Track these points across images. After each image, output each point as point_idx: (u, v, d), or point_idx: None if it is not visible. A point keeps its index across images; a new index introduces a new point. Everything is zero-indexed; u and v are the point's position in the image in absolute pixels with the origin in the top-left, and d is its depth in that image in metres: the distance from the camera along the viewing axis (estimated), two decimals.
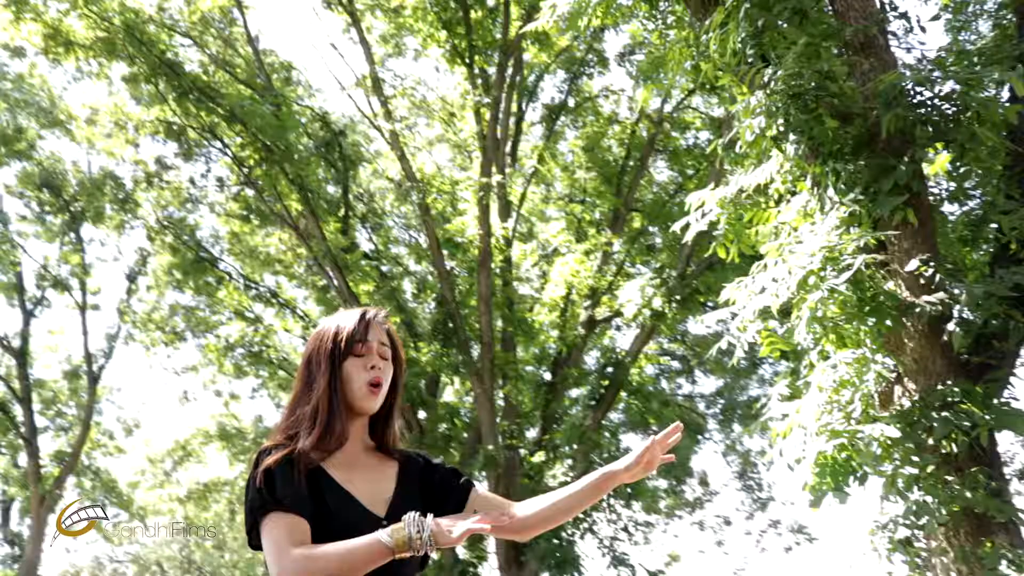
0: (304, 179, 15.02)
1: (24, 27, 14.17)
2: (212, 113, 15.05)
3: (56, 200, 19.59)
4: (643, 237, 16.34)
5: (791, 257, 4.51)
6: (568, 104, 17.26)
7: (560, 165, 18.28)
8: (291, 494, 2.08)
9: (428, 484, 2.36)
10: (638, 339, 14.38)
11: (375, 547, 1.98)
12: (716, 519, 20.35)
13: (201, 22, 16.13)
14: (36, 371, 21.55)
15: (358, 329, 2.29)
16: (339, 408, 2.23)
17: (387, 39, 18.14)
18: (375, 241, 18.81)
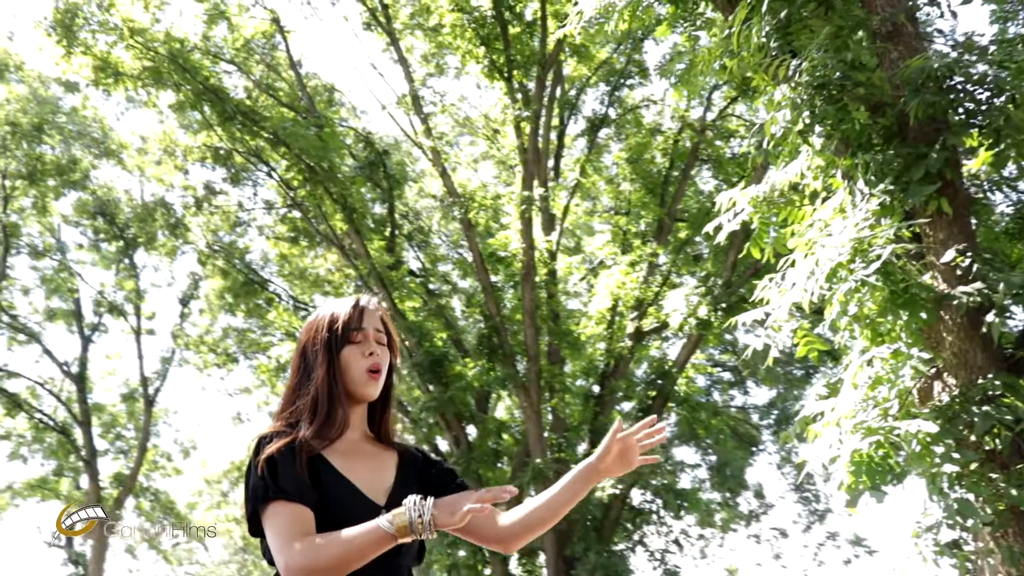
0: (348, 198, 15.16)
1: (75, 60, 14.51)
2: (256, 136, 15.29)
3: (110, 228, 20.04)
4: (688, 247, 16.19)
5: (820, 251, 4.40)
6: (609, 116, 17.21)
7: (604, 178, 18.22)
8: (294, 482, 2.06)
9: (426, 479, 2.33)
10: (685, 349, 14.22)
11: (377, 534, 1.95)
12: (772, 532, 19.98)
13: (244, 48, 16.43)
14: (95, 395, 22.00)
15: (353, 316, 2.27)
16: (340, 396, 2.22)
17: (428, 59, 18.32)
18: (422, 259, 18.91)
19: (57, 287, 20.64)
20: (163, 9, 15.16)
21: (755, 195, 5.84)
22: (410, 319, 15.36)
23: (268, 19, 16.37)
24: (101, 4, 14.23)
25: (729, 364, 19.44)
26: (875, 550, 18.81)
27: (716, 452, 18.46)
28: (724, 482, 18.53)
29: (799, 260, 4.65)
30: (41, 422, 20.66)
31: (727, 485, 18.57)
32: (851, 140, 4.73)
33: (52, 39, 14.06)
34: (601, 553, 12.20)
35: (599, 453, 2.22)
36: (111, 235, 20.18)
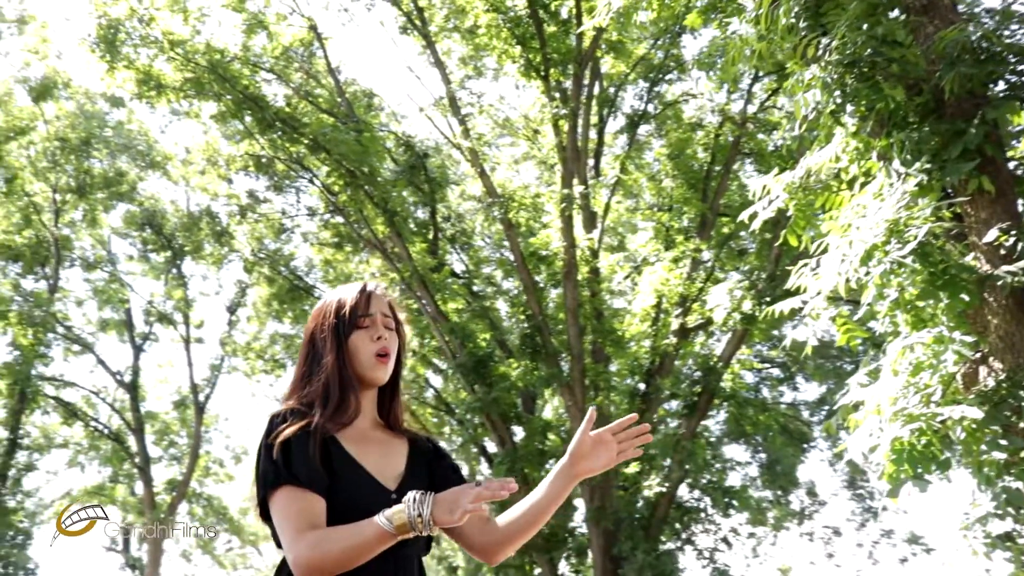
0: (389, 202, 15.21)
1: (118, 75, 14.75)
2: (297, 143, 15.42)
3: (158, 238, 20.36)
4: (732, 241, 15.98)
5: (854, 233, 4.28)
6: (649, 112, 17.06)
7: (646, 175, 18.08)
8: (305, 468, 2.05)
9: (433, 470, 2.32)
10: (730, 344, 14.03)
11: (377, 532, 1.93)
12: (825, 530, 19.61)
13: (283, 56, 16.57)
14: (148, 403, 22.37)
15: (360, 301, 2.26)
16: (350, 381, 2.20)
17: (465, 61, 18.32)
18: (465, 261, 18.92)
19: (109, 298, 21.02)
20: (203, 21, 15.36)
21: (790, 182, 5.72)
22: (453, 320, 15.36)
23: (306, 27, 16.49)
24: (142, 19, 14.45)
25: (777, 360, 19.16)
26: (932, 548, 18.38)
27: (766, 449, 18.20)
28: (775, 480, 18.26)
29: (833, 244, 4.52)
30: (96, 430, 21.06)
31: (778, 483, 18.30)
32: (885, 119, 4.59)
33: (96, 55, 14.30)
34: (649, 552, 12.07)
35: (570, 453, 2.17)
36: (159, 245, 20.50)
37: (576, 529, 14.15)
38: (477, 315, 16.23)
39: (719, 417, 17.29)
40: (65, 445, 21.48)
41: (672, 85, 17.29)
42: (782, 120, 16.17)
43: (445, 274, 15.83)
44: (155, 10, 14.57)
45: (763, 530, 19.12)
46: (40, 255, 18.37)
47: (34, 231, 18.40)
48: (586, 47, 14.85)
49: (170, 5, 14.84)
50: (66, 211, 18.82)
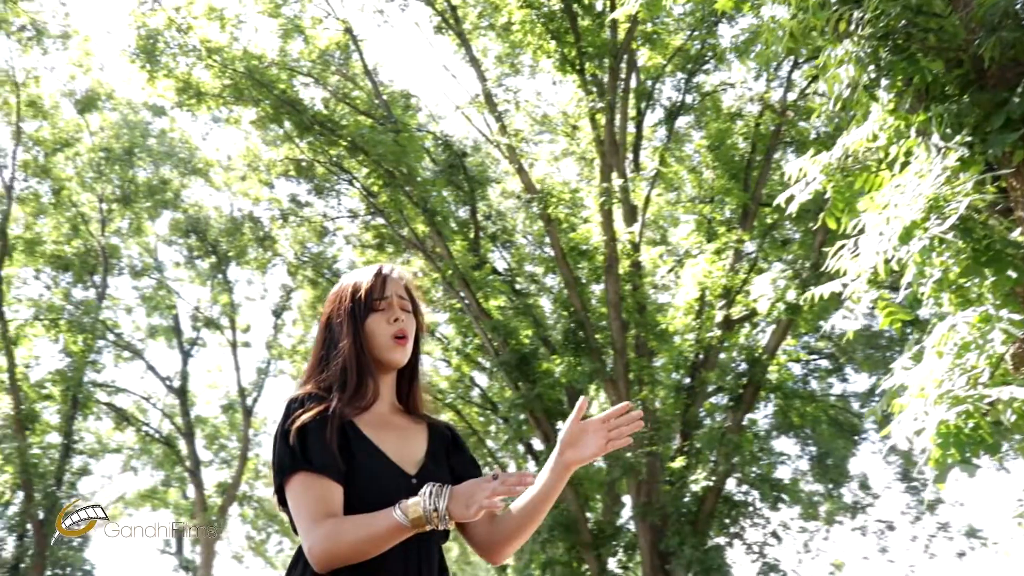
0: (428, 202, 15.23)
1: (158, 84, 14.94)
2: (335, 146, 15.50)
3: (203, 244, 20.61)
4: (776, 231, 15.76)
5: (891, 210, 4.15)
6: (687, 103, 16.89)
7: (687, 167, 17.91)
8: (322, 454, 2.02)
9: (451, 458, 2.30)
10: (775, 335, 13.83)
11: (392, 524, 1.91)
12: (878, 524, 19.21)
13: (320, 60, 16.66)
14: (197, 408, 22.67)
15: (376, 284, 2.23)
16: (368, 365, 2.17)
17: (502, 59, 18.28)
18: (507, 259, 18.89)
19: (157, 305, 21.33)
20: (240, 28, 15.52)
21: (827, 163, 5.59)
22: (495, 318, 15.34)
23: (341, 29, 16.57)
24: (180, 28, 14.63)
25: (825, 351, 18.86)
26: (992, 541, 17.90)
27: (816, 442, 17.92)
28: (826, 473, 17.97)
29: (870, 224, 4.40)
30: (148, 435, 21.39)
31: (829, 476, 18.00)
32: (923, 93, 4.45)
33: (136, 65, 14.50)
34: (697, 547, 11.93)
35: (560, 442, 2.11)
36: (204, 251, 20.76)
37: (624, 525, 14.05)
38: (520, 312, 16.19)
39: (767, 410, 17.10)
40: (119, 450, 21.85)
41: (710, 75, 17.11)
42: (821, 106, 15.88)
43: (487, 271, 15.79)
44: (192, 19, 14.74)
45: (815, 524, 18.82)
46: (88, 264, 18.69)
47: (82, 240, 18.73)
48: (621, 39, 14.74)
49: (207, 13, 15.00)
50: (112, 220, 19.12)
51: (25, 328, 18.07)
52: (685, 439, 14.02)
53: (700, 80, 17.12)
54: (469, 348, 19.00)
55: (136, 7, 14.28)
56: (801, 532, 17.85)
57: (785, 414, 14.73)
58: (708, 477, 12.72)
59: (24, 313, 18.47)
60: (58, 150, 17.73)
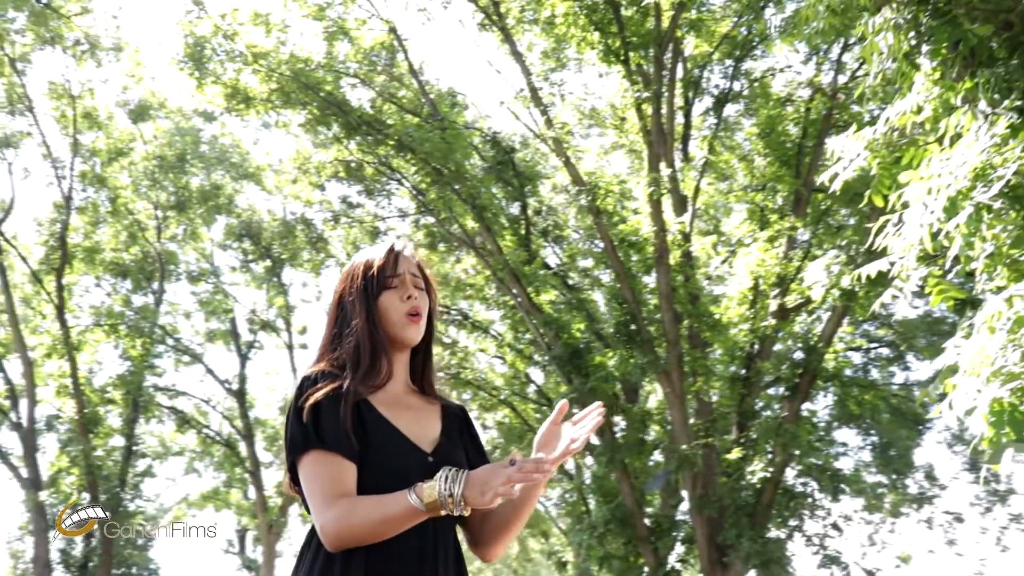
0: (477, 198, 15.23)
1: (207, 91, 15.16)
2: (382, 145, 15.57)
3: (257, 248, 20.88)
4: (829, 217, 15.45)
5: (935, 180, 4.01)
6: (735, 90, 16.65)
7: (737, 155, 17.67)
8: (336, 432, 2.00)
9: (464, 438, 2.28)
10: (830, 322, 13.57)
11: (407, 508, 1.89)
12: (946, 516, 18.73)
13: (366, 61, 16.76)
14: (256, 410, 22.98)
15: (388, 261, 2.20)
16: (381, 343, 2.14)
17: (548, 54, 18.20)
18: (559, 254, 18.81)
19: (214, 309, 21.65)
20: (285, 32, 15.67)
21: (872, 139, 5.43)
22: (547, 312, 15.28)
23: (385, 29, 16.63)
24: (226, 34, 14.82)
25: (885, 339, 18.46)
26: None
27: (878, 432, 17.55)
28: (889, 463, 17.59)
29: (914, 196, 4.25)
30: (209, 437, 21.74)
31: (892, 466, 17.62)
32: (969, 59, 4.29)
33: (185, 72, 14.74)
34: (755, 539, 11.74)
35: (535, 445, 2.10)
36: (258, 255, 21.03)
37: (681, 518, 13.90)
38: (573, 307, 16.11)
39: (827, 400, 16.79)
40: (181, 453, 22.24)
41: (758, 61, 16.84)
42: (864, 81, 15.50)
43: (537, 265, 15.72)
44: (238, 25, 14.93)
45: (879, 516, 18.44)
46: (146, 270, 19.07)
47: (140, 248, 19.10)
48: (665, 28, 14.58)
49: (253, 19, 15.18)
50: (168, 227, 19.48)
51: (86, 334, 18.50)
52: (741, 430, 13.82)
53: (749, 66, 16.88)
54: (522, 344, 18.96)
55: (183, 16, 14.50)
56: (866, 524, 17.50)
57: (843, 403, 14.41)
58: (765, 468, 12.51)
59: (86, 320, 18.94)
60: (113, 159, 18.11)
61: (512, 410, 20.89)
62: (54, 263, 17.86)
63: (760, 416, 13.75)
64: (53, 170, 17.84)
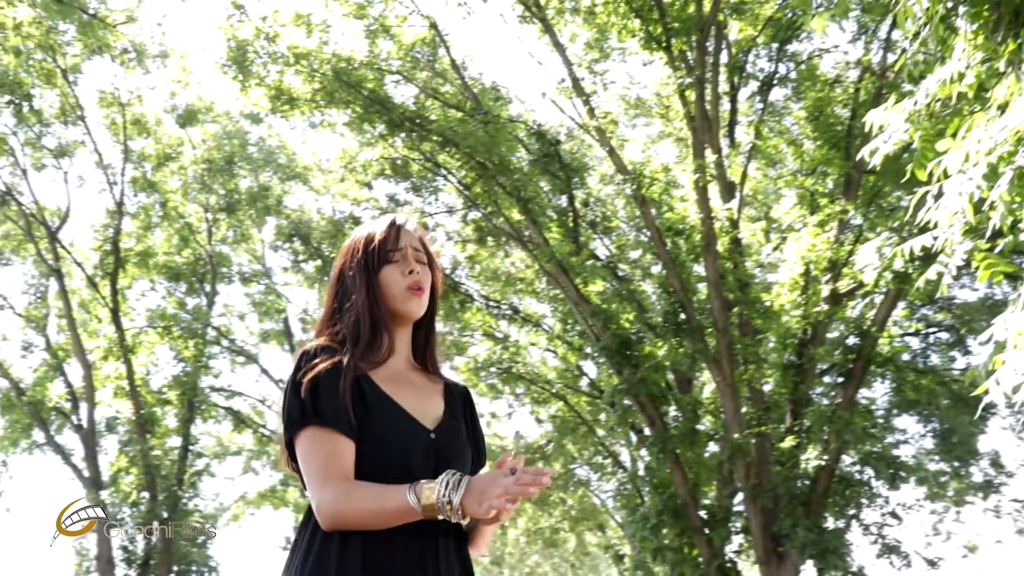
0: (522, 191, 15.18)
1: (251, 93, 15.32)
2: (425, 141, 15.60)
3: (307, 248, 21.05)
4: (880, 199, 15.10)
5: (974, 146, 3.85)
6: (781, 73, 16.36)
7: (786, 140, 17.37)
8: (334, 408, 1.96)
9: (467, 418, 2.24)
10: (883, 306, 13.26)
11: (404, 506, 1.83)
12: (1014, 504, 18.19)
13: (408, 58, 16.79)
14: None
15: (390, 235, 2.17)
16: (382, 317, 2.10)
17: (591, 45, 18.08)
18: (608, 245, 18.69)
19: (267, 310, 21.90)
20: (327, 32, 15.76)
21: (912, 110, 5.26)
22: (595, 303, 15.19)
23: (427, 25, 16.65)
24: (268, 36, 14.96)
25: (945, 323, 17.99)
26: None
27: (939, 419, 17.11)
28: (951, 450, 17.15)
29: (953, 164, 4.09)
30: (265, 437, 22.00)
31: (955, 453, 17.17)
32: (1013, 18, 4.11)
33: (228, 76, 14.91)
34: (811, 529, 11.51)
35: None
36: (309, 255, 21.21)
37: (735, 508, 13.70)
38: (622, 298, 15.99)
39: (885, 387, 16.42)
40: (239, 452, 22.55)
41: (804, 43, 16.52)
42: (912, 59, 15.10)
43: (584, 256, 15.61)
44: (280, 27, 15.06)
45: (943, 505, 18.01)
46: (198, 273, 19.36)
47: (192, 250, 19.40)
48: (707, 12, 14.37)
49: (294, 20, 15.30)
50: (219, 229, 19.74)
51: (140, 336, 18.86)
52: (795, 419, 13.58)
53: (795, 49, 16.58)
54: (571, 336, 18.89)
55: (225, 20, 14.67)
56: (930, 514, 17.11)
57: (900, 389, 14.08)
58: (820, 456, 12.27)
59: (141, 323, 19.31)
60: (162, 164, 18.41)
61: (565, 403, 20.84)
62: (108, 268, 18.22)
63: (814, 403, 13.49)
64: (105, 177, 18.22)
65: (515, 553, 28.29)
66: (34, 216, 17.99)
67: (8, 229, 18.75)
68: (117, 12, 15.59)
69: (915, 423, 18.08)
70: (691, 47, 14.94)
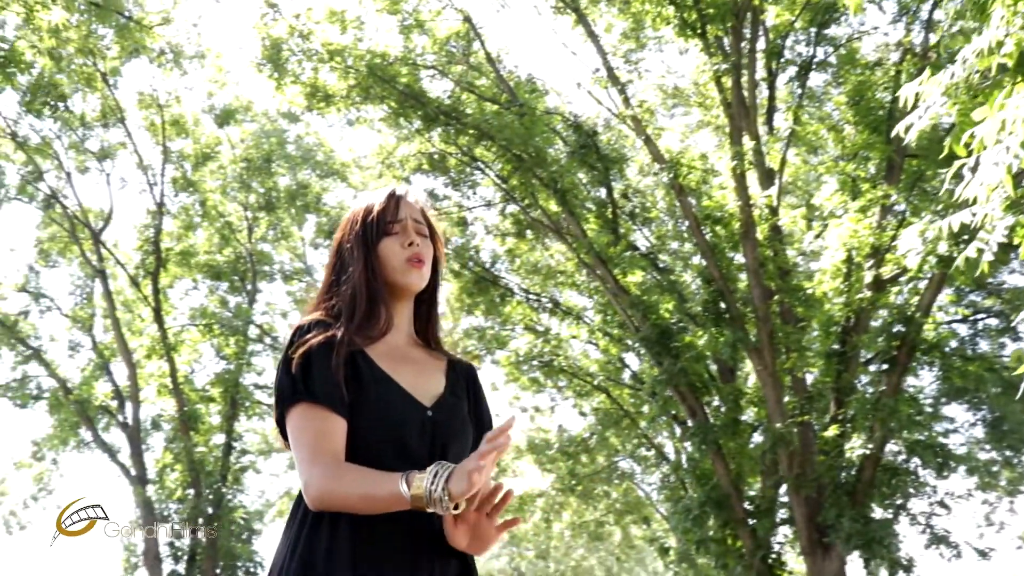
0: (559, 182, 15.11)
1: (287, 91, 15.41)
2: (461, 134, 15.59)
3: None
4: (923, 182, 14.79)
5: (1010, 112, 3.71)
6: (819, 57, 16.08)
7: (826, 125, 17.09)
8: (325, 384, 1.91)
9: (471, 395, 2.17)
10: (928, 291, 12.98)
11: (393, 494, 1.76)
12: None
13: (442, 52, 16.78)
14: None
15: (389, 206, 2.11)
16: (379, 290, 2.04)
17: (627, 35, 17.94)
18: (648, 236, 18.55)
19: None
20: (361, 28, 15.79)
21: (949, 83, 5.11)
22: (634, 294, 15.09)
23: (460, 19, 16.63)
24: (302, 34, 15.03)
25: (994, 309, 17.58)
26: None
27: (989, 407, 16.74)
28: (1002, 439, 16.77)
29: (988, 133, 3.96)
30: None
31: (1006, 442, 16.79)
32: None
33: (264, 74, 15.01)
34: (856, 519, 11.30)
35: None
36: None
37: (779, 499, 13.52)
38: (663, 289, 15.86)
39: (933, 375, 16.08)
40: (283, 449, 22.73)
41: (843, 27, 16.23)
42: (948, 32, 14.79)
43: (623, 247, 15.49)
44: (314, 24, 15.12)
45: (996, 495, 17.63)
46: (239, 271, 19.54)
47: (232, 249, 19.58)
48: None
49: (328, 17, 15.35)
50: (259, 227, 19.91)
51: (181, 335, 19.10)
52: (839, 407, 13.35)
53: (833, 32, 16.29)
54: (610, 327, 18.79)
55: (259, 19, 14.76)
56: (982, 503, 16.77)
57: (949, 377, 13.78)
58: (864, 445, 12.04)
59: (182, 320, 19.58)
60: (201, 164, 18.60)
61: (607, 396, 20.75)
62: (150, 267, 18.46)
63: (858, 392, 13.25)
64: (146, 178, 18.47)
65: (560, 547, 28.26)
66: (78, 218, 18.28)
67: (54, 231, 19.07)
68: (153, 14, 15.77)
69: (964, 411, 17.72)
70: (727, 33, 14.75)
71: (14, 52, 10.64)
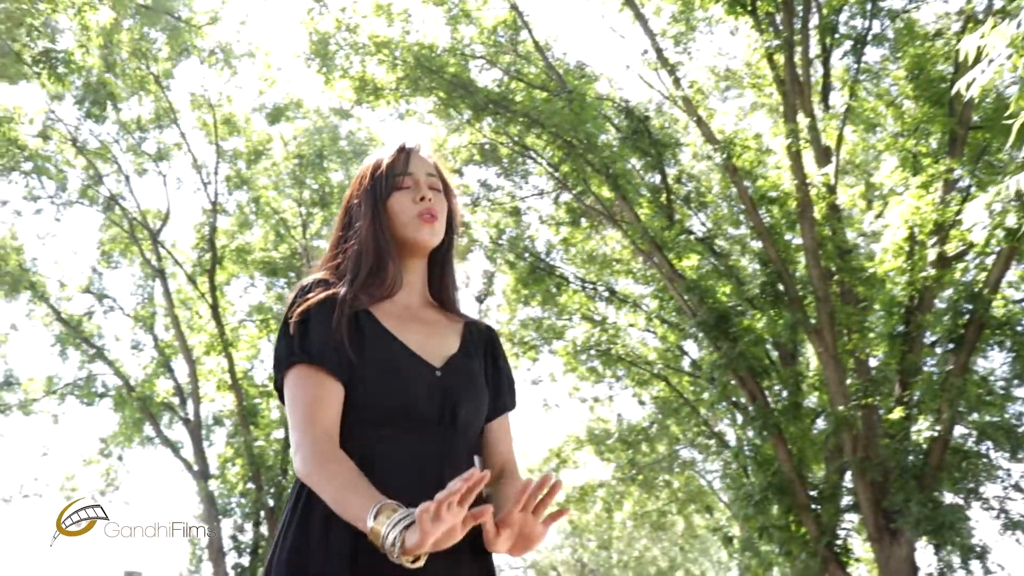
0: (611, 168, 14.95)
1: (336, 85, 15.47)
2: (511, 123, 15.50)
3: None
4: (988, 155, 14.29)
5: None
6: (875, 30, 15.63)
7: (885, 102, 16.63)
8: (323, 345, 1.82)
9: (486, 359, 2.06)
10: (996, 266, 12.54)
11: (360, 518, 1.62)
12: None
13: (491, 41, 16.70)
14: None
15: (399, 160, 2.02)
16: (388, 246, 1.95)
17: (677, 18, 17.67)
18: (704, 221, 18.29)
19: None
20: (408, 20, 15.79)
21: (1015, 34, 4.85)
22: (690, 278, 14.87)
23: (507, 7, 16.54)
24: (349, 27, 15.07)
25: None
26: None
27: None
28: None
29: None
30: None
31: None
32: None
33: (312, 69, 15.10)
34: (925, 504, 10.95)
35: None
36: None
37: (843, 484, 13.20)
38: (720, 274, 15.61)
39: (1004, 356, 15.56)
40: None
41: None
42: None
43: (677, 231, 15.26)
44: (361, 17, 15.15)
45: None
46: (295, 267, 19.69)
47: (287, 245, 19.77)
48: None
49: (375, 10, 15.37)
50: (313, 223, 20.05)
51: (239, 331, 19.34)
52: (904, 388, 12.97)
53: (889, 4, 15.82)
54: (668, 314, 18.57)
55: (306, 14, 14.84)
56: None
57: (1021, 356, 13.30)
58: (931, 427, 11.66)
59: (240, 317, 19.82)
60: (253, 162, 18.79)
61: (667, 384, 20.54)
62: (206, 265, 18.72)
63: (924, 373, 12.86)
64: (200, 177, 18.71)
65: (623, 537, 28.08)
66: (137, 219, 18.60)
67: (115, 233, 19.42)
68: (201, 14, 15.95)
69: None
70: (778, 9, 14.42)
71: (67, 54, 10.78)
